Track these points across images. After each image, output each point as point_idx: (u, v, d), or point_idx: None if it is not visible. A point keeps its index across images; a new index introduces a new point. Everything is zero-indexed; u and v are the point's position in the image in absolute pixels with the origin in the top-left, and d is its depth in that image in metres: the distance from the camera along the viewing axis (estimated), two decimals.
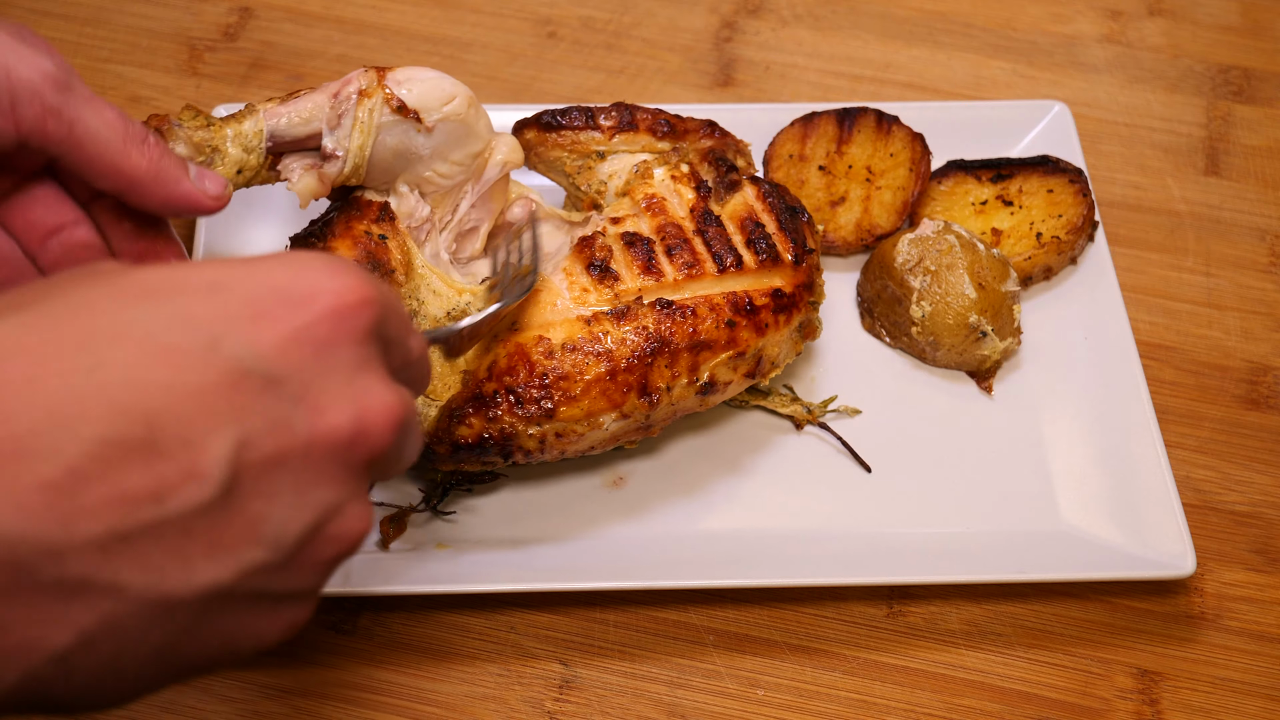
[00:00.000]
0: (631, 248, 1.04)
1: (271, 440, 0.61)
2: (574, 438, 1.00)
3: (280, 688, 0.99)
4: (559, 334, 1.01)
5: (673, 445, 1.11)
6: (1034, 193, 1.22)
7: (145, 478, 0.58)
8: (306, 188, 1.04)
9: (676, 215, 1.07)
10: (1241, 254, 1.28)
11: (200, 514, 0.59)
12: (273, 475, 0.62)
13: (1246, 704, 1.01)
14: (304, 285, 0.65)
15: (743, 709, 0.99)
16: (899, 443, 1.12)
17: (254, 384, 0.61)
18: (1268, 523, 1.11)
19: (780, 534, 1.06)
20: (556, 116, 1.13)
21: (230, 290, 0.63)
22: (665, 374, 1.01)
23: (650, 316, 1.01)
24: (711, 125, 1.14)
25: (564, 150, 1.13)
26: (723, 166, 1.10)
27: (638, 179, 1.10)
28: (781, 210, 1.07)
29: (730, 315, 1.02)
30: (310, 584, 0.66)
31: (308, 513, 0.63)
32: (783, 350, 1.06)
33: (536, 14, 1.45)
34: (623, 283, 1.03)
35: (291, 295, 0.64)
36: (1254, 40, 1.47)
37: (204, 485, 0.59)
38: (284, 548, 0.63)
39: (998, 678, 1.02)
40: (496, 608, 1.03)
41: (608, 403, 1.00)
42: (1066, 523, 1.07)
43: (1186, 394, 1.18)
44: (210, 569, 0.60)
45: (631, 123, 1.13)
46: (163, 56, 1.38)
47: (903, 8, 1.48)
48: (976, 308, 1.13)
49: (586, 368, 1.00)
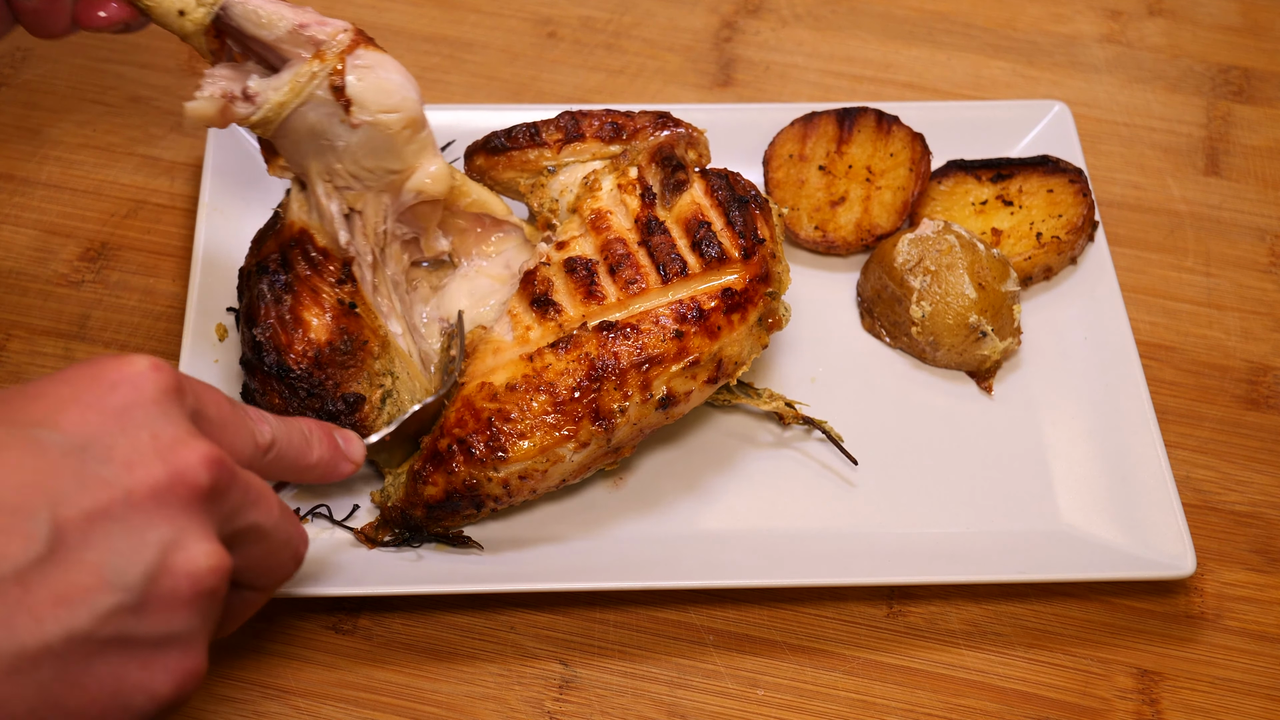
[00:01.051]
0: (573, 275, 1.03)
1: (87, 496, 0.68)
2: (538, 476, 0.99)
3: (280, 688, 0.99)
4: (501, 377, 1.00)
5: (672, 446, 1.11)
6: (1034, 193, 1.22)
7: None
8: (203, 113, 0.98)
9: (621, 229, 1.04)
10: (1241, 254, 1.29)
11: (34, 569, 0.65)
12: (100, 525, 0.68)
13: (1246, 704, 1.01)
14: (93, 370, 0.73)
15: (743, 709, 0.99)
16: (899, 443, 1.12)
17: (57, 452, 0.68)
18: (1268, 523, 1.11)
19: (780, 534, 1.06)
20: (502, 138, 1.11)
21: (23, 393, 0.73)
22: (616, 396, 0.99)
23: (592, 342, 1.00)
24: (663, 117, 1.11)
25: (515, 171, 1.11)
26: (669, 166, 1.07)
27: (586, 192, 1.08)
28: (729, 203, 1.04)
29: (676, 326, 1.00)
30: (182, 625, 0.71)
31: (146, 552, 0.69)
32: (744, 348, 1.03)
33: (536, 14, 1.45)
34: (565, 313, 1.02)
35: (81, 379, 0.72)
36: (1254, 40, 1.47)
37: (29, 542, 0.65)
38: (133, 588, 0.68)
39: (998, 678, 1.02)
40: (496, 608, 1.03)
41: (560, 435, 0.98)
42: (1066, 523, 1.07)
43: (1186, 394, 1.18)
44: (62, 618, 0.66)
45: (578, 132, 1.10)
46: (163, 56, 1.37)
47: (903, 8, 1.48)
48: (976, 308, 1.13)
49: (530, 404, 0.98)
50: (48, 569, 0.65)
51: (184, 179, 1.28)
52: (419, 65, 1.39)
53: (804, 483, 1.09)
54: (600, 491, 1.08)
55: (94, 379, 0.72)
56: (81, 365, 0.74)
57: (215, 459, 0.72)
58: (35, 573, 0.65)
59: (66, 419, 0.70)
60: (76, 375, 0.73)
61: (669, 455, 1.10)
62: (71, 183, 1.27)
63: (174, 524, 0.70)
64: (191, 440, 0.72)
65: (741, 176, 1.08)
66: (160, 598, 0.69)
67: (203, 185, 1.19)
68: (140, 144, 1.30)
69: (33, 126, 1.31)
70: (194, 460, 0.71)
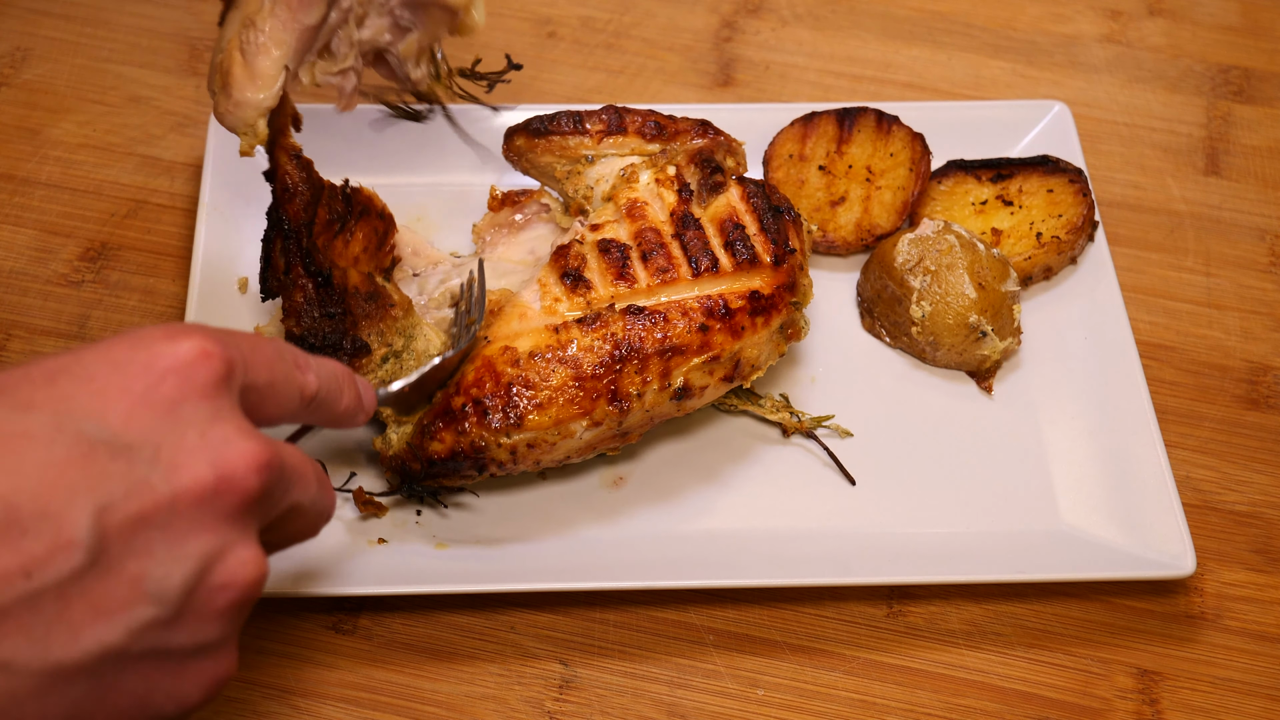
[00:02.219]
0: (606, 255, 1.04)
1: (133, 501, 0.64)
2: (546, 447, 1.00)
3: (280, 688, 0.99)
4: (525, 343, 1.00)
5: (672, 445, 1.11)
6: (1034, 193, 1.22)
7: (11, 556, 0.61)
8: None
9: (656, 219, 1.06)
10: (1241, 254, 1.29)
11: (74, 581, 0.63)
12: (142, 534, 0.65)
13: (1246, 704, 1.01)
14: (141, 353, 0.68)
15: (743, 709, 0.99)
16: (899, 443, 1.12)
17: (104, 452, 0.65)
18: (1268, 523, 1.11)
19: (780, 534, 1.06)
20: (545, 122, 1.13)
21: (69, 372, 0.67)
22: (635, 380, 1.00)
23: (619, 323, 1.00)
24: (704, 125, 1.13)
25: (553, 155, 1.13)
26: (708, 168, 1.09)
27: (623, 183, 1.10)
28: (764, 210, 1.06)
29: (703, 319, 1.01)
30: (215, 634, 0.69)
31: (187, 564, 0.66)
32: (763, 352, 1.04)
33: (536, 14, 1.45)
34: (595, 291, 1.02)
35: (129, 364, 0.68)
36: (1254, 40, 1.47)
37: (72, 553, 0.62)
38: (170, 601, 0.66)
39: (998, 678, 1.02)
40: (496, 608, 1.03)
41: (577, 410, 0.99)
42: (1066, 523, 1.07)
43: (1186, 394, 1.18)
44: (97, 632, 0.63)
45: (620, 126, 1.12)
46: (163, 56, 1.38)
47: (903, 8, 1.48)
48: (976, 308, 1.13)
49: (552, 375, 0.99)
50: (87, 581, 0.63)
51: (184, 179, 1.28)
52: None
53: (804, 483, 1.09)
54: (600, 492, 1.08)
55: (144, 366, 0.68)
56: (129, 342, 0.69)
57: (264, 463, 0.69)
58: (75, 585, 0.63)
59: (114, 412, 0.66)
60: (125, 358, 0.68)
61: (669, 455, 1.10)
62: (71, 183, 1.27)
63: (217, 533, 0.68)
64: (241, 440, 0.69)
65: (777, 189, 1.09)
66: (196, 610, 0.67)
67: (203, 185, 1.19)
68: (140, 144, 1.30)
69: (33, 126, 1.31)
70: (243, 466, 0.68)
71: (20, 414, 0.64)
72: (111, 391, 0.67)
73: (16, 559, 0.61)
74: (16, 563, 0.61)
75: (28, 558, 0.61)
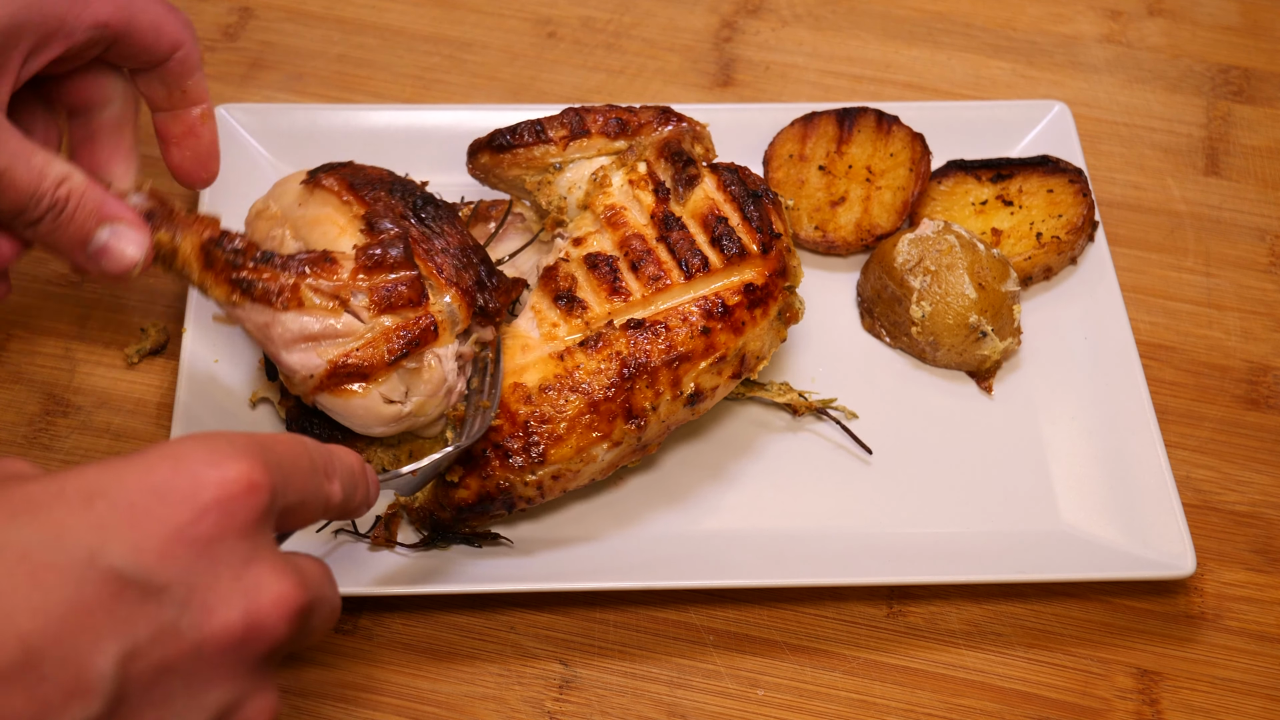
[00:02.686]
0: (595, 271, 1.03)
1: (159, 649, 0.62)
2: (571, 476, 1.00)
3: (280, 687, 0.98)
4: (533, 377, 1.00)
5: (672, 445, 1.11)
6: (1034, 193, 1.22)
7: (25, 702, 0.58)
8: None
9: (637, 224, 1.05)
10: (1241, 254, 1.29)
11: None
12: (164, 682, 0.63)
13: (1246, 704, 1.01)
14: (184, 481, 0.65)
15: (743, 709, 0.99)
16: (899, 443, 1.12)
17: (135, 593, 0.62)
18: (1268, 523, 1.11)
19: (780, 534, 1.06)
20: (507, 135, 1.11)
21: (107, 496, 0.64)
22: (648, 394, 1.00)
23: (622, 340, 1.00)
24: (666, 111, 1.11)
25: (520, 168, 1.11)
26: (679, 161, 1.07)
27: (596, 189, 1.08)
28: (743, 198, 1.05)
29: (704, 322, 1.01)
30: None
31: (204, 715, 0.64)
32: (765, 342, 1.05)
33: (536, 14, 1.45)
34: (591, 310, 1.02)
35: (171, 493, 0.65)
36: (1254, 40, 1.47)
37: (89, 702, 0.60)
38: None
39: (998, 678, 1.02)
40: (496, 608, 1.03)
41: (596, 435, 0.99)
42: (1066, 523, 1.07)
43: (1186, 394, 1.18)
44: None
45: (583, 128, 1.10)
46: None
47: (903, 8, 1.48)
48: (976, 308, 1.13)
49: (566, 406, 0.99)
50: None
51: None
52: (419, 65, 1.39)
53: (804, 483, 1.09)
54: (601, 492, 1.08)
55: (186, 497, 0.65)
56: (171, 463, 0.66)
57: (295, 610, 0.67)
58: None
59: (149, 547, 0.63)
60: (167, 485, 0.65)
61: (668, 454, 1.10)
62: None
63: (237, 682, 0.66)
64: (274, 584, 0.67)
65: (749, 170, 1.08)
66: None
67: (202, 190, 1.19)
68: (140, 144, 1.30)
69: None
70: (275, 615, 0.66)
71: (53, 542, 0.62)
72: (150, 523, 0.64)
73: (31, 706, 0.59)
74: (30, 710, 0.59)
75: (42, 705, 0.59)
